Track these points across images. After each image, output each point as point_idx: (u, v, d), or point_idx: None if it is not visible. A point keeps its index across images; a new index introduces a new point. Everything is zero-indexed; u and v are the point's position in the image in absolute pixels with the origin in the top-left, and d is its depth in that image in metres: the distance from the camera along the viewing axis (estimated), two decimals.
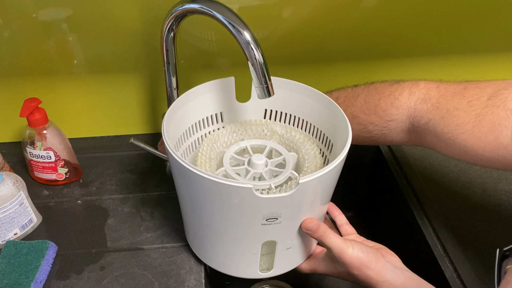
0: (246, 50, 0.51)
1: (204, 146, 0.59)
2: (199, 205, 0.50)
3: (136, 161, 0.77)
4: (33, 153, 0.68)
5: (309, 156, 0.57)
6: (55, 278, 0.58)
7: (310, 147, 0.59)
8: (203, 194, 0.48)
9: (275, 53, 0.74)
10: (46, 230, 0.64)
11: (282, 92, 0.61)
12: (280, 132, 0.62)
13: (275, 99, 0.61)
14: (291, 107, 0.62)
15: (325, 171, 0.46)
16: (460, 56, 0.80)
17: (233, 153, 0.58)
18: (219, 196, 0.46)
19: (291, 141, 0.60)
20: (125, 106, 0.78)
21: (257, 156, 0.56)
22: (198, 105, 0.60)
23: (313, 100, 0.59)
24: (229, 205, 0.47)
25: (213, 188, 0.46)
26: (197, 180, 0.46)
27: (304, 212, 0.50)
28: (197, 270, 0.59)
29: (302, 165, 0.57)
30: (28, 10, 0.65)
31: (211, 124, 0.63)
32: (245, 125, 0.62)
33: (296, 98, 0.61)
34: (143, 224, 0.65)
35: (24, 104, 0.64)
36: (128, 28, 0.69)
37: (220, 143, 0.60)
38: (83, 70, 0.73)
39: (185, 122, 0.59)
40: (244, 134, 0.62)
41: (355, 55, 0.77)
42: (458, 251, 0.61)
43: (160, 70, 0.68)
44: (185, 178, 0.48)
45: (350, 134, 0.51)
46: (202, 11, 0.53)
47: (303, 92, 0.60)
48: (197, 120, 0.61)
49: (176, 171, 0.50)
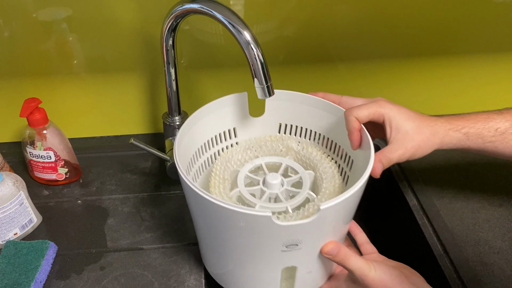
0: (246, 50, 0.51)
1: (217, 165, 0.57)
2: (215, 231, 0.49)
3: (136, 161, 0.77)
4: (33, 153, 0.68)
5: (327, 176, 0.55)
6: (55, 278, 0.58)
7: (327, 165, 0.56)
8: (219, 221, 0.46)
9: (275, 53, 0.74)
10: (46, 230, 0.64)
11: (297, 106, 0.59)
12: (296, 148, 0.59)
13: (290, 113, 0.60)
14: (307, 121, 0.60)
15: (347, 195, 0.43)
16: (463, 56, 0.80)
17: (248, 172, 0.56)
18: (236, 224, 0.44)
19: (308, 158, 0.58)
20: (125, 106, 0.78)
21: (272, 175, 0.54)
22: (210, 122, 0.58)
23: (330, 114, 0.57)
24: (247, 233, 0.45)
25: (230, 216, 0.44)
26: (212, 207, 0.44)
27: (325, 236, 0.48)
28: (197, 270, 0.59)
29: (320, 184, 0.54)
30: (28, 10, 0.65)
31: (224, 140, 0.61)
32: (259, 141, 0.61)
33: (312, 112, 0.59)
34: (143, 224, 0.65)
35: (24, 104, 0.64)
36: (128, 28, 0.69)
37: (234, 161, 0.58)
38: (83, 70, 0.73)
39: (197, 141, 0.57)
40: (259, 151, 0.60)
41: (356, 56, 0.77)
42: (458, 251, 0.61)
43: (160, 70, 0.68)
44: (199, 204, 0.47)
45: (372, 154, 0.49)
46: (202, 11, 0.53)
47: (320, 106, 0.58)
48: (209, 138, 0.59)
49: (190, 197, 0.48)
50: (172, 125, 0.70)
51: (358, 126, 0.52)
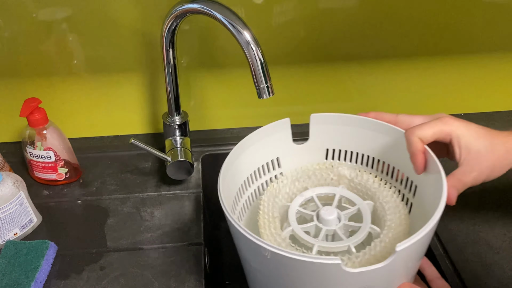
0: (246, 49, 0.51)
1: (264, 202, 0.52)
2: (272, 280, 0.44)
3: (136, 161, 0.77)
4: (33, 153, 0.68)
5: (389, 206, 0.49)
6: (55, 278, 0.58)
7: (388, 193, 0.51)
8: (277, 269, 0.42)
9: (275, 52, 0.74)
10: (46, 230, 0.64)
11: (345, 128, 0.54)
12: (349, 176, 0.54)
13: (338, 136, 0.55)
14: (358, 144, 0.55)
15: (425, 231, 0.39)
16: (463, 56, 0.80)
17: (299, 207, 0.52)
18: (299, 273, 0.40)
19: (364, 186, 0.53)
20: (125, 106, 0.78)
21: (327, 209, 0.49)
22: (252, 155, 0.54)
23: (386, 136, 0.52)
24: (311, 283, 0.40)
25: (290, 265, 0.39)
26: (271, 256, 0.40)
27: (398, 278, 0.43)
28: (197, 270, 0.59)
29: (382, 216, 0.50)
30: (28, 10, 0.65)
31: (268, 172, 0.57)
32: (307, 170, 0.56)
33: (363, 134, 0.54)
34: (143, 224, 0.65)
35: (24, 104, 0.64)
36: (128, 28, 0.69)
37: (282, 195, 0.54)
38: (83, 70, 0.73)
39: (240, 176, 0.54)
40: (308, 182, 0.55)
41: (356, 55, 0.77)
42: (458, 251, 0.61)
43: (160, 70, 0.68)
44: (251, 251, 0.42)
45: (444, 179, 0.45)
46: (202, 11, 0.53)
47: (373, 128, 0.53)
48: (252, 171, 0.55)
49: (241, 243, 0.44)
50: (172, 125, 0.70)
51: (422, 147, 0.48)
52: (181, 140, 0.71)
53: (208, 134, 0.82)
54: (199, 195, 0.70)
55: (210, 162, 0.78)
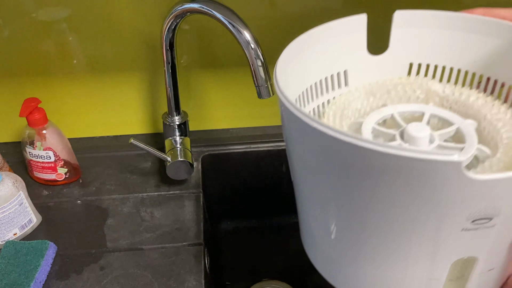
0: (246, 49, 0.51)
1: (329, 115, 0.41)
2: (344, 191, 0.31)
3: (136, 161, 0.77)
4: (33, 153, 0.68)
5: (504, 123, 0.37)
6: (54, 278, 0.58)
7: (500, 110, 0.39)
8: (359, 175, 0.29)
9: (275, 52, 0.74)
10: (45, 230, 0.64)
11: (437, 33, 0.41)
12: (443, 92, 0.41)
13: (426, 46, 0.42)
14: (454, 56, 0.42)
15: None
16: None
17: (375, 124, 0.39)
18: (393, 179, 0.27)
19: (463, 104, 0.40)
20: (125, 106, 0.78)
21: (415, 126, 0.36)
22: (311, 62, 0.42)
23: (496, 39, 0.39)
24: (406, 195, 0.28)
25: (381, 165, 0.27)
26: (348, 151, 0.28)
27: None
28: (197, 270, 0.59)
29: (493, 137, 0.38)
30: (28, 10, 0.65)
31: (331, 90, 0.44)
32: (386, 84, 0.43)
33: (463, 41, 0.40)
34: (143, 224, 0.65)
35: (24, 104, 0.64)
36: (128, 28, 0.69)
37: (351, 110, 0.41)
38: (83, 70, 0.73)
39: (296, 87, 0.41)
40: (386, 98, 0.42)
41: None
42: None
43: (160, 70, 0.68)
44: (320, 148, 0.30)
45: None
46: (202, 11, 0.53)
47: (479, 30, 0.39)
48: (309, 85, 0.42)
49: (298, 136, 0.32)
50: (172, 125, 0.70)
51: None
52: (181, 140, 0.71)
53: (208, 134, 0.82)
54: (199, 195, 0.70)
55: (210, 162, 0.78)
